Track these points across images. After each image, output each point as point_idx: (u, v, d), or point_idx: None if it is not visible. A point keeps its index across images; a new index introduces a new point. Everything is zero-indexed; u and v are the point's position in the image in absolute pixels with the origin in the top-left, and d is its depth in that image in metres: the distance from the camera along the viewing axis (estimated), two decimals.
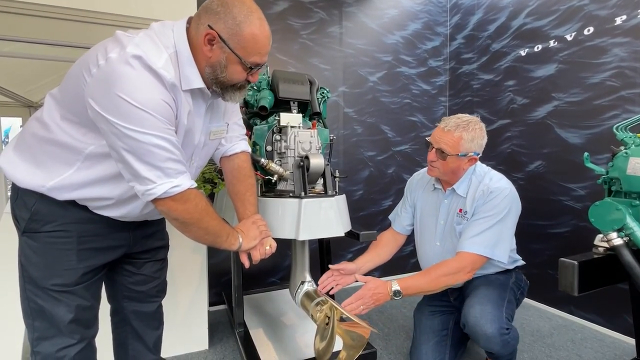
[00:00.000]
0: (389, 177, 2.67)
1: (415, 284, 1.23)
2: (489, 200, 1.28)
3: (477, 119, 1.33)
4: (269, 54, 0.91)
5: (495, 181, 1.33)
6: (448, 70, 2.82)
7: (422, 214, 1.53)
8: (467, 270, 1.25)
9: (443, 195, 1.44)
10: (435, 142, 1.33)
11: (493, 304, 1.24)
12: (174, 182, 0.81)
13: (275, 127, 1.41)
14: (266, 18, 0.89)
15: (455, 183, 1.39)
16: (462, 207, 1.36)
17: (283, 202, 1.24)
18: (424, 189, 1.54)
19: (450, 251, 1.39)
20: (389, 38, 2.60)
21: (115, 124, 0.74)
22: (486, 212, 1.28)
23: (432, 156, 1.35)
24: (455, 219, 1.37)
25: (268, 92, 1.45)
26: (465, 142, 1.28)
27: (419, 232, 1.55)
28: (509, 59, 2.30)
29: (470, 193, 1.34)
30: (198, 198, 0.88)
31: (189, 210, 0.86)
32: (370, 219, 2.62)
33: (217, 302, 2.17)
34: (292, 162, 1.33)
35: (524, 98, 2.22)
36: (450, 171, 1.34)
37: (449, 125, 1.30)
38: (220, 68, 0.85)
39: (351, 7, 2.46)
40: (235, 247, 1.01)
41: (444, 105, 2.83)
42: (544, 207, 2.09)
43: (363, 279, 1.25)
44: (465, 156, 1.30)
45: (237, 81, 0.89)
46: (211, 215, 0.92)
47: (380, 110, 2.61)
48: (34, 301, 0.88)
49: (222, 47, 0.82)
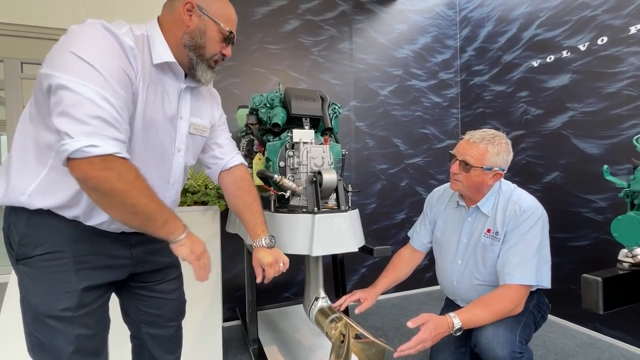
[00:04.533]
0: (402, 190, 2.65)
1: (476, 319, 1.17)
2: (522, 221, 1.24)
3: (503, 135, 1.30)
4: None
5: (525, 200, 1.28)
6: (459, 82, 2.82)
7: (443, 230, 1.50)
8: (522, 304, 1.21)
9: (466, 213, 1.41)
10: (459, 154, 1.31)
11: (507, 326, 1.19)
12: (92, 141, 0.69)
13: (288, 143, 1.43)
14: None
15: (479, 200, 1.35)
16: (490, 227, 1.31)
17: (296, 217, 1.25)
18: (446, 205, 1.51)
19: (472, 270, 1.35)
20: (399, 52, 2.63)
21: (53, 77, 0.70)
22: (523, 237, 1.23)
23: (455, 168, 1.32)
24: (484, 239, 1.33)
25: (280, 109, 1.47)
26: (490, 156, 1.25)
27: (439, 249, 1.51)
28: (521, 70, 2.29)
29: (499, 213, 1.30)
30: (126, 169, 0.75)
31: (109, 179, 0.72)
32: (383, 232, 2.60)
33: (231, 318, 2.17)
34: (305, 177, 1.34)
35: (537, 109, 2.20)
36: (474, 186, 1.31)
37: (474, 137, 1.28)
38: (199, 34, 0.91)
39: (361, 24, 2.51)
40: (173, 238, 0.84)
41: (456, 117, 2.82)
42: (564, 219, 2.03)
43: (420, 320, 1.12)
44: (490, 170, 1.27)
45: (213, 51, 0.94)
46: (143, 191, 0.78)
47: (392, 123, 2.61)
48: (34, 336, 0.84)
49: (200, 16, 0.90)
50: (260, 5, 2.23)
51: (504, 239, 1.27)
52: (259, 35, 2.22)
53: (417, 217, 2.68)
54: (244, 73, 2.20)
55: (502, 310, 1.18)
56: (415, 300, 2.54)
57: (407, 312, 2.33)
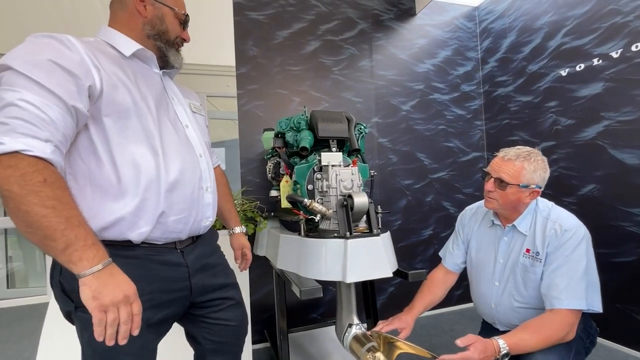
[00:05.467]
0: (428, 206, 2.59)
1: (524, 345, 1.11)
2: (565, 241, 1.17)
3: (538, 152, 1.27)
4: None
5: (565, 219, 1.22)
6: (482, 93, 2.77)
7: (477, 250, 1.45)
8: (574, 331, 1.14)
9: (502, 232, 1.36)
10: (494, 171, 1.27)
11: (558, 354, 1.12)
12: (2, 140, 0.63)
13: (315, 165, 1.43)
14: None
15: (515, 219, 1.30)
16: (529, 247, 1.26)
17: (328, 242, 1.23)
18: (480, 224, 1.47)
19: (512, 292, 1.29)
20: (419, 67, 2.61)
21: None
22: (568, 258, 1.17)
23: (489, 186, 1.28)
24: (523, 259, 1.27)
25: (307, 132, 1.48)
26: (527, 173, 1.21)
27: (473, 270, 1.46)
28: (549, 80, 2.23)
29: (538, 232, 1.24)
30: (33, 170, 0.64)
31: (8, 179, 0.63)
32: (411, 250, 2.54)
33: (259, 340, 2.15)
34: (335, 200, 1.33)
35: (568, 119, 2.12)
36: (510, 204, 1.26)
37: (510, 155, 1.24)
38: (159, 21, 0.95)
39: (380, 41, 2.52)
40: (76, 271, 0.65)
41: (481, 129, 2.76)
42: (604, 234, 1.93)
43: (469, 340, 1.09)
44: (527, 188, 1.22)
45: (176, 33, 0.99)
46: (44, 199, 0.63)
47: (415, 137, 2.58)
48: None
49: (153, 4, 0.94)
50: (281, 28, 2.28)
51: (546, 260, 1.21)
52: (280, 58, 2.26)
53: (444, 233, 2.64)
54: (267, 95, 2.23)
55: (552, 337, 1.11)
56: (447, 320, 2.44)
57: (440, 332, 2.24)
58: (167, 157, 0.86)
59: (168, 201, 0.85)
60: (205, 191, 0.97)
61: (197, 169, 0.94)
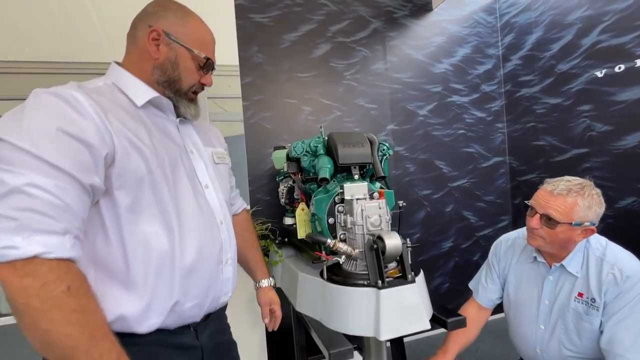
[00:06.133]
0: (448, 216, 2.44)
1: None
2: (627, 289, 1.03)
3: (591, 183, 1.11)
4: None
5: (625, 262, 1.07)
6: (503, 93, 2.58)
7: (516, 288, 1.30)
8: None
9: (547, 271, 1.21)
10: (540, 207, 1.12)
11: None
12: (14, 241, 0.52)
13: (336, 196, 1.27)
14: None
15: (564, 258, 1.15)
16: (582, 291, 1.11)
17: (357, 292, 1.09)
18: (518, 258, 1.32)
19: (561, 339, 1.15)
20: (436, 67, 2.42)
21: None
22: (633, 310, 1.02)
23: (535, 223, 1.12)
24: (575, 304, 1.12)
25: (327, 159, 1.32)
26: (580, 210, 1.05)
27: (512, 308, 1.32)
28: (582, 81, 2.04)
29: (592, 275, 1.10)
30: (55, 277, 0.54)
31: (26, 291, 0.53)
32: (431, 264, 2.40)
33: None
34: (361, 239, 1.18)
35: (605, 125, 1.94)
36: (559, 243, 1.11)
37: (559, 188, 1.08)
38: (171, 66, 0.78)
39: (395, 40, 2.32)
40: None
41: (502, 132, 2.58)
42: None
43: None
44: (579, 226, 1.07)
45: (191, 82, 0.81)
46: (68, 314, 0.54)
47: (433, 144, 2.41)
48: None
49: (169, 43, 0.77)
50: (288, 32, 2.09)
51: (605, 310, 1.07)
52: (288, 64, 2.08)
53: (465, 244, 2.50)
54: (274, 106, 2.06)
55: None
56: None
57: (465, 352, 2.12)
58: (183, 234, 0.72)
59: (183, 288, 0.72)
60: (225, 264, 0.83)
61: (217, 241, 0.80)
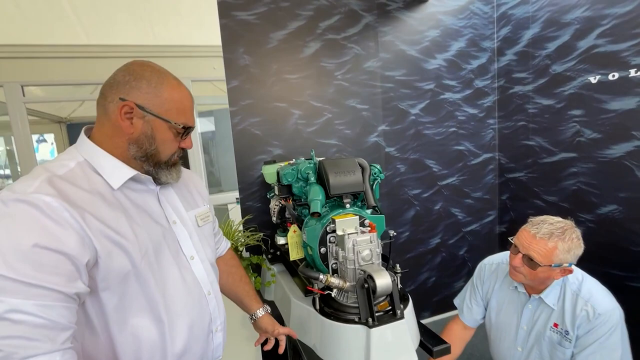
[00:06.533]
0: (436, 214, 2.49)
1: None
2: (597, 326, 1.10)
3: (573, 225, 1.15)
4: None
5: (598, 301, 1.14)
6: (496, 89, 2.54)
7: (498, 312, 1.37)
8: None
9: (527, 299, 1.28)
10: (523, 247, 1.16)
11: None
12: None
13: (328, 226, 1.28)
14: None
15: (542, 291, 1.22)
16: (557, 322, 1.19)
17: (349, 329, 1.13)
18: (501, 283, 1.38)
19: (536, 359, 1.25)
20: (430, 63, 2.35)
21: None
22: (602, 346, 1.10)
23: (517, 262, 1.17)
24: (551, 333, 1.21)
25: (318, 188, 1.31)
26: (560, 253, 1.11)
27: (493, 330, 1.40)
28: (575, 85, 2.02)
29: (567, 309, 1.17)
30: None
31: None
32: (418, 260, 2.49)
33: None
34: (352, 273, 1.21)
35: (594, 132, 1.95)
36: (538, 280, 1.17)
37: (542, 232, 1.12)
38: (147, 140, 0.73)
39: (388, 36, 2.22)
40: None
41: (493, 129, 2.57)
42: (622, 257, 1.86)
43: None
44: (559, 267, 1.13)
45: (170, 152, 0.78)
46: None
47: (424, 144, 2.40)
48: None
49: (143, 117, 0.72)
50: (275, 29, 1.97)
51: (577, 343, 1.15)
52: (275, 65, 1.98)
53: (452, 240, 2.58)
54: (263, 111, 1.99)
55: None
56: None
57: None
58: (172, 321, 0.72)
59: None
60: (215, 332, 0.84)
61: (206, 313, 0.81)
